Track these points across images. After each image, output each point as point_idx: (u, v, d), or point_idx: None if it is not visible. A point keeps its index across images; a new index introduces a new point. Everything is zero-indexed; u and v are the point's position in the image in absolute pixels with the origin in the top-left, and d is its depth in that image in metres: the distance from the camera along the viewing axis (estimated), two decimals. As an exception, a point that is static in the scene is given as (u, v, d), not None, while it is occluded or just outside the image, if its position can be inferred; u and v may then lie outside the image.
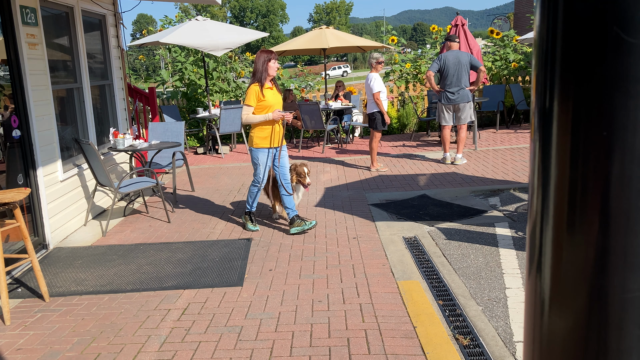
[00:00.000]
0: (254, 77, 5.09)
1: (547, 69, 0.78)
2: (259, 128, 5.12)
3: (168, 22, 14.10)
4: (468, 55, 8.11)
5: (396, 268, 4.30)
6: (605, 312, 0.75)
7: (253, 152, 5.18)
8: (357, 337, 3.25)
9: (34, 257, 3.88)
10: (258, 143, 5.13)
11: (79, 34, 6.13)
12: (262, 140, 5.13)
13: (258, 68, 5.06)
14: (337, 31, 11.28)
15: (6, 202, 3.71)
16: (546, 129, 0.79)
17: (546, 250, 0.81)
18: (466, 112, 8.05)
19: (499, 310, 3.58)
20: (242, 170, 8.62)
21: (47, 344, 3.35)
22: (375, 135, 7.99)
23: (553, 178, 0.78)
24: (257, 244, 5.03)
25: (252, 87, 5.07)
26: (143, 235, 5.44)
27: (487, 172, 7.54)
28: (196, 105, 12.28)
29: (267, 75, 5.08)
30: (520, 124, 12.02)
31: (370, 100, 7.82)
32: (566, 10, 0.74)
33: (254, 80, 5.09)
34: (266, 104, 5.08)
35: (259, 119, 5.06)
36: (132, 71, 30.97)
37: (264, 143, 5.13)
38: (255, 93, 5.05)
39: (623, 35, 0.70)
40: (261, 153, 5.15)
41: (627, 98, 0.71)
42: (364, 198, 6.50)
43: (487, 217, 5.58)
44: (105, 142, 6.88)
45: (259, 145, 5.14)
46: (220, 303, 3.82)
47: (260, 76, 5.06)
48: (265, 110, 5.09)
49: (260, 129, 5.11)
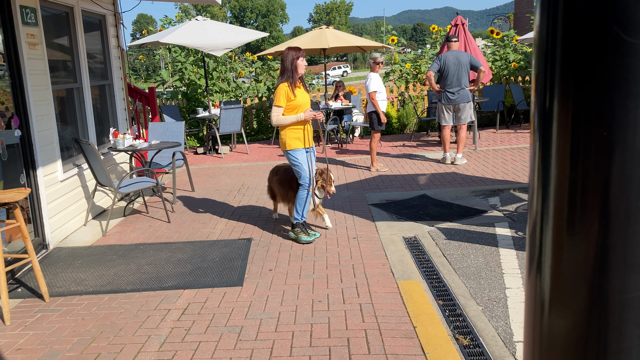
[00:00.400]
0: (283, 76, 4.84)
1: (547, 69, 0.78)
2: (290, 129, 4.86)
3: (168, 22, 14.11)
4: (468, 55, 8.11)
5: (396, 268, 4.30)
6: (605, 312, 0.75)
7: (290, 154, 4.89)
8: (357, 337, 3.25)
9: (34, 257, 3.88)
10: (292, 144, 4.86)
11: (79, 34, 6.13)
12: (296, 141, 4.86)
13: (287, 66, 4.81)
14: (337, 31, 11.28)
15: (6, 202, 3.71)
16: (546, 129, 0.79)
17: (546, 250, 0.81)
18: (466, 112, 8.06)
19: (499, 310, 3.58)
20: (242, 170, 8.62)
21: (47, 344, 3.35)
22: (374, 135, 8.00)
23: (553, 178, 0.78)
24: (257, 244, 5.03)
25: (282, 86, 4.80)
26: (143, 235, 5.44)
27: (487, 172, 7.55)
28: (196, 105, 12.28)
29: (297, 74, 4.84)
30: (520, 124, 12.02)
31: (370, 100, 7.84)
32: (566, 10, 0.74)
33: (283, 80, 4.83)
34: (296, 103, 4.83)
35: (290, 120, 4.81)
36: (132, 71, 30.97)
37: (297, 144, 4.87)
38: (285, 93, 4.78)
39: (623, 35, 0.70)
40: (299, 153, 4.88)
41: (627, 98, 0.71)
42: (364, 198, 6.50)
43: (487, 217, 5.58)
44: (105, 142, 6.88)
45: (293, 147, 4.86)
46: (220, 303, 3.82)
47: (290, 75, 4.81)
48: (295, 110, 4.84)
49: (291, 129, 4.86)
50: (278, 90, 4.82)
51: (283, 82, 4.82)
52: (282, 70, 4.86)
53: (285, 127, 4.88)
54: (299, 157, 4.88)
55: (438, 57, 8.12)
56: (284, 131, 4.90)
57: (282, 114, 4.84)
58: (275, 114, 4.83)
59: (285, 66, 4.83)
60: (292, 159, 4.90)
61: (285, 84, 4.80)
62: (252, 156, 9.85)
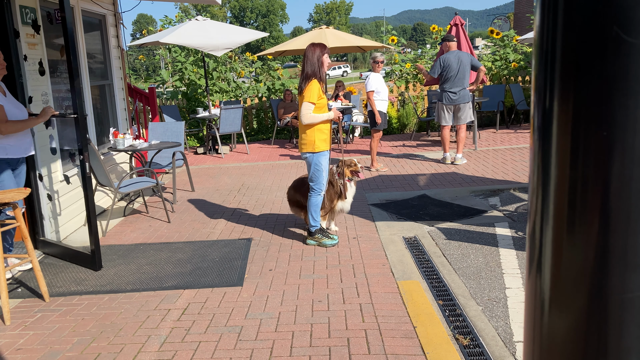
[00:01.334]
0: (312, 73, 4.60)
1: (547, 69, 0.78)
2: (318, 129, 4.62)
3: (168, 22, 14.12)
4: (468, 55, 8.12)
5: (396, 268, 4.30)
6: (605, 312, 0.75)
7: (315, 157, 4.64)
8: (357, 337, 3.25)
9: (34, 257, 3.88)
10: (320, 146, 4.61)
11: (79, 34, 6.13)
12: (324, 143, 4.64)
13: (314, 62, 4.58)
14: (337, 31, 11.28)
15: (6, 202, 3.71)
16: (546, 129, 0.79)
17: (546, 250, 0.81)
18: (466, 112, 8.06)
19: (499, 310, 3.58)
20: (242, 170, 8.62)
21: (47, 344, 3.35)
22: (374, 135, 8.00)
23: (553, 178, 0.78)
24: (257, 244, 5.03)
25: (314, 83, 4.57)
26: (143, 235, 5.44)
27: (487, 172, 7.55)
28: (196, 105, 12.28)
29: (323, 71, 4.66)
30: (520, 124, 12.02)
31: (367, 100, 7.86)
32: (566, 10, 0.74)
33: (313, 77, 4.59)
34: (323, 102, 4.65)
35: (322, 118, 4.60)
36: (132, 71, 30.98)
37: (325, 146, 4.65)
38: (318, 90, 4.56)
39: (623, 35, 0.70)
40: (323, 157, 4.66)
41: (627, 98, 0.71)
42: (364, 198, 6.50)
43: (487, 217, 5.58)
44: (105, 142, 6.88)
45: (321, 149, 4.62)
46: (220, 303, 3.82)
47: (319, 72, 4.60)
48: (322, 109, 4.65)
49: (320, 130, 4.63)
50: (311, 86, 4.56)
51: (313, 78, 4.59)
52: (307, 67, 4.62)
53: (313, 126, 4.63)
54: (323, 162, 4.67)
55: (438, 60, 8.09)
56: (311, 131, 4.63)
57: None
58: (308, 110, 4.57)
59: (312, 62, 4.60)
60: (318, 162, 4.66)
61: (316, 81, 4.59)
62: (252, 156, 9.86)
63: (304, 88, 4.60)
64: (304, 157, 4.72)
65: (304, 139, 4.68)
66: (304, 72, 4.66)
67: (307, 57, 4.64)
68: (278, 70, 13.64)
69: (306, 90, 4.58)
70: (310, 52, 4.62)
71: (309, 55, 4.63)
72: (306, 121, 4.58)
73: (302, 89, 4.62)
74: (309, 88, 4.57)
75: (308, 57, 4.63)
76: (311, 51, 4.63)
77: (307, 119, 4.58)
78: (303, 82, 4.65)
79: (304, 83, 4.64)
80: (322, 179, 4.74)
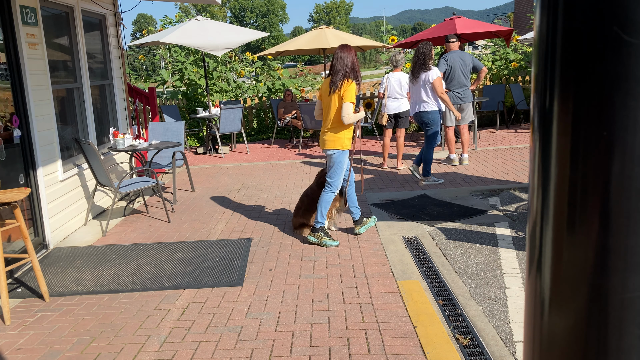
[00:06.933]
0: (351, 73, 4.67)
1: (547, 69, 0.78)
2: (347, 129, 4.77)
3: (168, 22, 14.11)
4: (470, 55, 8.13)
5: (396, 268, 4.30)
6: (605, 312, 0.75)
7: (339, 155, 4.78)
8: (357, 337, 3.25)
9: (34, 257, 3.89)
10: (346, 144, 4.76)
11: (79, 34, 6.13)
12: (349, 142, 4.80)
13: (348, 64, 4.66)
14: (337, 31, 11.28)
15: (6, 202, 3.71)
16: (546, 129, 0.79)
17: (546, 250, 0.81)
18: (469, 112, 8.08)
19: (499, 310, 3.58)
20: (242, 170, 8.62)
21: (47, 344, 3.35)
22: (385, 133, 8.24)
23: (553, 178, 0.78)
24: (257, 244, 5.03)
25: (353, 84, 4.65)
26: (143, 235, 5.45)
27: (487, 172, 7.55)
28: (196, 105, 12.28)
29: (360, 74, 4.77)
30: (520, 124, 12.02)
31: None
32: (566, 10, 0.74)
33: (351, 78, 4.66)
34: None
35: (356, 117, 4.71)
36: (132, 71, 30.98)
37: (349, 144, 4.82)
38: (355, 90, 4.67)
39: (623, 35, 0.70)
40: (345, 156, 4.82)
41: (627, 98, 0.71)
42: (364, 198, 6.50)
43: (487, 217, 5.58)
44: (105, 142, 6.88)
45: (346, 147, 4.77)
46: (220, 303, 3.82)
47: (356, 74, 4.70)
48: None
49: (349, 130, 4.77)
50: (350, 87, 4.62)
51: (352, 80, 4.66)
52: (345, 67, 4.66)
53: (342, 126, 4.74)
54: (345, 160, 4.83)
55: (444, 57, 8.06)
56: (342, 130, 4.75)
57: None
58: (350, 110, 4.63)
59: (347, 63, 4.65)
60: (339, 160, 4.79)
61: (353, 82, 4.66)
62: (252, 156, 9.86)
63: (340, 87, 4.64)
64: (329, 154, 4.82)
65: (332, 136, 4.76)
66: (338, 71, 4.67)
67: (339, 59, 4.68)
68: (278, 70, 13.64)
69: (346, 91, 4.63)
70: (345, 53, 4.69)
71: (344, 56, 4.68)
72: (348, 121, 4.67)
73: (339, 87, 4.65)
74: (348, 88, 4.63)
75: (341, 59, 4.68)
76: (347, 52, 4.70)
77: (350, 119, 4.66)
78: (339, 80, 4.66)
79: (340, 82, 4.66)
80: (341, 177, 4.89)
